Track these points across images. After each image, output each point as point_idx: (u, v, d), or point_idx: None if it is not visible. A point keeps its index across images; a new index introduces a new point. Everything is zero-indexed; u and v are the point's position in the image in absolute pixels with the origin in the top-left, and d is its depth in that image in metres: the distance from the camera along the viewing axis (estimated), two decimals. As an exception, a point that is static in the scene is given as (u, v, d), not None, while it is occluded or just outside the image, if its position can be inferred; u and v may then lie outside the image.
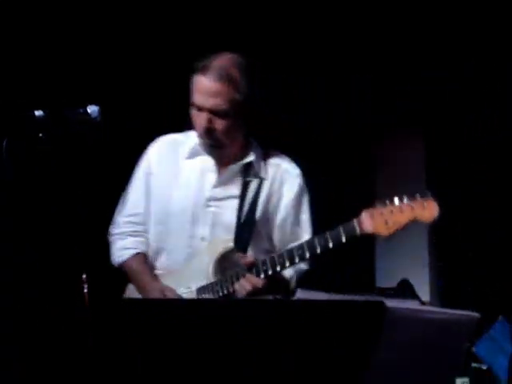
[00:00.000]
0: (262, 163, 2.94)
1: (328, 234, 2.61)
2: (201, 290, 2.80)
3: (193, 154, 2.96)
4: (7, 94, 3.61)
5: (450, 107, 4.47)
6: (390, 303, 1.85)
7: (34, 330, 3.82)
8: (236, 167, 2.91)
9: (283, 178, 2.94)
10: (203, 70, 2.79)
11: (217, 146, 2.86)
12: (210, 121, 2.79)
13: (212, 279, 2.79)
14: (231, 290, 2.73)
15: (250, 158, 2.91)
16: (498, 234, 4.38)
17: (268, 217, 2.92)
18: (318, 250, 2.63)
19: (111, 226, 3.06)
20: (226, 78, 2.78)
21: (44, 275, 3.88)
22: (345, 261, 3.25)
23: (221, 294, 2.75)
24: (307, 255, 2.65)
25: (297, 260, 2.67)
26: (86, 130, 2.80)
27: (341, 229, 2.59)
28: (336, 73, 4.20)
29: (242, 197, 2.87)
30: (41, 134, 2.51)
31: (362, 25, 4.12)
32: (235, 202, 2.88)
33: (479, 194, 4.44)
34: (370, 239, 4.54)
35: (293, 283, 2.87)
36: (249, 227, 2.85)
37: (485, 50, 4.06)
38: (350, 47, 4.22)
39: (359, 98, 4.25)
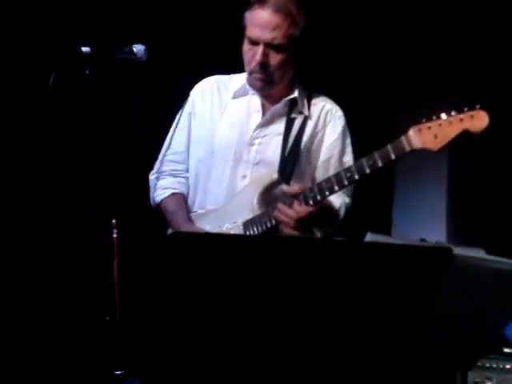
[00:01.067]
0: (306, 102, 2.95)
1: (376, 154, 2.55)
2: (247, 223, 2.79)
3: (238, 94, 2.98)
4: (55, 30, 3.65)
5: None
6: (456, 250, 1.77)
7: (34, 330, 3.88)
8: (280, 104, 2.92)
9: (327, 118, 2.95)
10: (261, 3, 2.80)
11: (268, 82, 2.85)
12: (265, 54, 2.79)
13: (258, 212, 2.78)
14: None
15: (294, 94, 2.92)
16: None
17: (311, 155, 2.92)
18: (367, 170, 2.55)
19: (154, 166, 3.08)
20: (284, 11, 2.78)
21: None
22: (361, 214, 3.22)
23: (269, 225, 2.73)
24: (356, 177, 2.58)
25: (346, 182, 2.60)
26: (131, 70, 2.83)
27: (389, 147, 2.53)
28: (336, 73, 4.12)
29: (286, 133, 2.88)
30: (87, 71, 2.55)
31: (362, 25, 4.05)
32: (279, 139, 2.89)
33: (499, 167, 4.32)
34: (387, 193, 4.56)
35: (341, 215, 2.84)
36: (292, 161, 2.85)
37: (484, 50, 3.95)
38: (350, 47, 4.15)
39: (359, 98, 4.16)
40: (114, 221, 2.67)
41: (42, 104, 2.41)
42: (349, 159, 2.94)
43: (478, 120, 2.40)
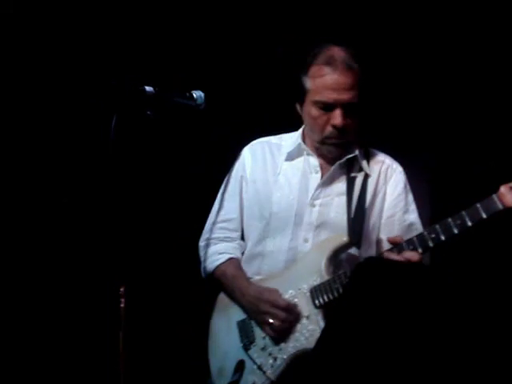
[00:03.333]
0: (365, 159, 2.85)
1: (464, 213, 2.43)
2: (315, 289, 2.64)
3: (293, 156, 2.89)
4: (118, 68, 3.61)
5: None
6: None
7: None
8: (341, 164, 2.81)
9: (387, 174, 2.86)
10: (330, 64, 2.68)
11: (344, 146, 2.77)
12: (344, 117, 2.68)
13: (326, 277, 2.64)
14: None
15: (355, 152, 2.82)
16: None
17: (374, 214, 2.80)
18: (455, 231, 2.43)
19: (203, 234, 2.99)
20: (354, 69, 2.68)
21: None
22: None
23: (340, 290, 2.57)
24: (442, 238, 2.45)
25: (431, 244, 2.46)
26: (189, 115, 2.76)
27: (478, 205, 2.42)
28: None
29: (349, 192, 2.77)
30: (148, 112, 2.47)
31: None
32: (340, 199, 2.78)
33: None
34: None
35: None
36: (360, 222, 2.73)
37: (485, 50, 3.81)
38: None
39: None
40: (122, 289, 2.47)
41: (103, 144, 2.33)
42: (414, 216, 2.83)
43: None
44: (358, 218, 2.73)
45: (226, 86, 3.82)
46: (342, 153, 2.80)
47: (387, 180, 2.84)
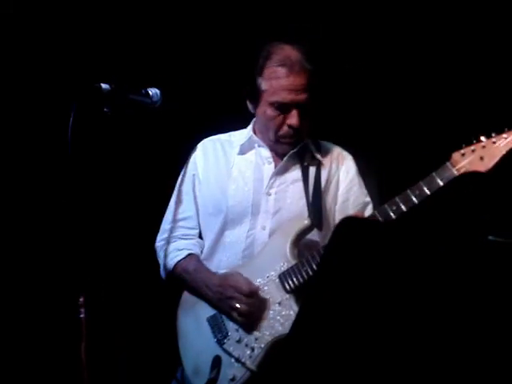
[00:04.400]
0: (316, 149, 2.92)
1: (422, 183, 2.51)
2: (283, 275, 2.67)
3: (244, 150, 2.94)
4: (75, 64, 3.59)
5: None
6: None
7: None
8: (294, 153, 2.87)
9: (339, 162, 2.93)
10: (283, 66, 2.72)
11: (295, 144, 2.83)
12: (300, 118, 2.74)
13: (292, 261, 2.67)
14: None
15: (305, 141, 2.89)
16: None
17: (329, 200, 2.86)
18: (416, 201, 2.51)
19: (159, 234, 3.00)
20: (308, 70, 2.73)
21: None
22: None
23: (311, 273, 2.61)
24: (403, 208, 2.52)
25: (393, 215, 2.53)
26: (144, 113, 2.77)
27: (434, 174, 2.50)
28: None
29: (305, 178, 2.83)
30: (106, 109, 2.47)
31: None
32: (296, 187, 2.83)
33: None
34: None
35: None
36: (318, 206, 2.78)
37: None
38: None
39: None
40: (81, 299, 2.40)
41: (61, 138, 2.32)
42: (368, 199, 2.90)
43: None
44: (316, 201, 2.78)
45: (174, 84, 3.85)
46: (293, 148, 2.86)
47: (339, 167, 2.92)
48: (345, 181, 2.90)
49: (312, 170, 2.87)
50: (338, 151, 2.96)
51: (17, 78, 3.68)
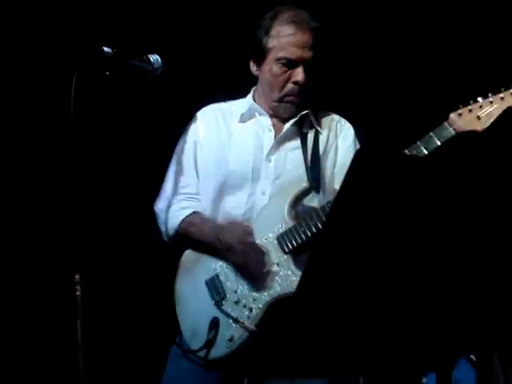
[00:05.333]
0: (315, 118, 2.95)
1: (419, 142, 2.54)
2: (281, 236, 2.69)
3: (245, 118, 2.96)
4: (76, 28, 3.60)
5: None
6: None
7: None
8: (294, 122, 2.90)
9: (337, 130, 2.96)
10: (292, 23, 2.78)
11: (299, 104, 2.86)
12: (305, 75, 2.78)
13: (290, 223, 2.69)
14: (319, 225, 2.60)
15: (305, 110, 2.91)
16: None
17: (328, 166, 2.88)
18: None
19: (159, 198, 2.98)
20: (314, 29, 2.79)
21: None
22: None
23: (309, 234, 2.64)
24: None
25: None
26: (146, 80, 2.78)
27: (432, 134, 2.53)
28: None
29: (303, 146, 2.86)
30: (107, 72, 2.48)
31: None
32: (296, 153, 2.86)
33: None
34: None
35: None
36: (316, 171, 2.81)
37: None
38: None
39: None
40: (77, 276, 2.41)
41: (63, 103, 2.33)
42: None
43: None
44: (314, 166, 2.82)
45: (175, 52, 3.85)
46: (295, 112, 2.89)
47: (337, 135, 2.95)
48: (343, 148, 2.92)
49: (310, 137, 2.90)
50: (336, 119, 2.99)
51: (20, 40, 3.68)
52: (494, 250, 1.69)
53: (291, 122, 2.89)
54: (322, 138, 2.91)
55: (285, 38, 2.79)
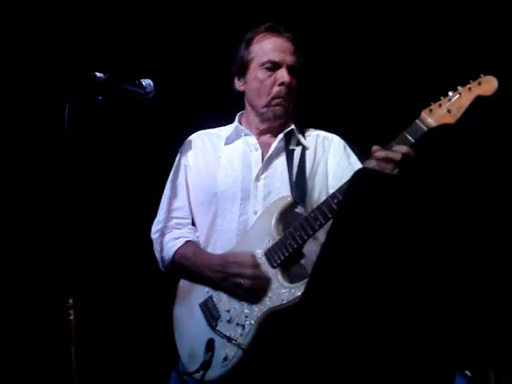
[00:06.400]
0: (301, 134, 2.98)
1: (393, 142, 2.56)
2: (269, 252, 2.71)
3: (231, 139, 3.01)
4: (69, 54, 3.63)
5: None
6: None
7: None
8: (280, 139, 2.94)
9: (325, 146, 2.98)
10: (274, 31, 2.90)
11: (286, 108, 2.90)
12: (290, 75, 2.86)
13: (277, 237, 2.71)
14: (305, 237, 2.62)
15: (291, 126, 2.96)
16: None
17: (318, 182, 2.90)
18: None
19: (154, 226, 3.03)
20: (293, 40, 2.91)
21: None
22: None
23: (295, 246, 2.66)
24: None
25: None
26: (138, 104, 2.81)
27: (405, 133, 2.55)
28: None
29: (289, 161, 2.89)
30: (100, 97, 2.52)
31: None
32: (285, 170, 2.88)
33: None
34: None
35: None
36: (302, 184, 2.83)
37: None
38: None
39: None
40: (70, 300, 2.39)
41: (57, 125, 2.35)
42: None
43: (487, 84, 2.48)
44: (300, 180, 2.84)
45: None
46: (276, 125, 2.94)
47: (325, 150, 2.97)
48: (334, 162, 2.94)
49: (297, 153, 2.93)
50: (322, 135, 3.02)
51: (12, 64, 3.72)
52: (482, 254, 1.73)
53: (278, 139, 2.93)
54: (309, 154, 2.94)
55: (266, 44, 2.90)
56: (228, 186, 2.89)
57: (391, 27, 3.87)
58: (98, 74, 2.54)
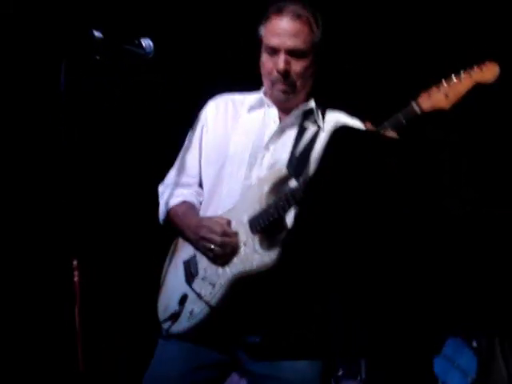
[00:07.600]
0: (321, 115, 2.92)
1: (386, 123, 2.52)
2: (253, 217, 2.74)
3: (253, 108, 2.98)
4: (66, 13, 3.54)
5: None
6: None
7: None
8: (297, 113, 2.90)
9: None
10: (278, 12, 2.81)
11: (290, 93, 2.85)
12: (287, 62, 2.79)
13: (265, 206, 2.73)
14: (287, 208, 2.64)
15: (311, 105, 2.91)
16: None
17: None
18: None
19: (165, 179, 3.05)
20: (302, 18, 2.80)
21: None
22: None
23: (276, 216, 2.67)
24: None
25: None
26: (137, 64, 2.74)
27: (399, 114, 2.52)
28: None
29: (298, 138, 2.85)
30: (98, 57, 2.44)
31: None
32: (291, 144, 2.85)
33: None
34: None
35: None
36: (302, 161, 2.79)
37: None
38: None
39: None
40: (75, 262, 2.38)
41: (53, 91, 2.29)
42: None
43: (488, 71, 2.43)
44: (302, 158, 2.80)
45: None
46: (296, 102, 2.89)
47: None
48: None
49: (309, 132, 2.88)
50: (343, 119, 2.95)
51: (8, 21, 3.64)
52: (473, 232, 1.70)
53: (294, 115, 2.90)
54: (322, 137, 2.87)
55: (269, 26, 2.83)
56: (238, 151, 2.89)
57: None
58: (96, 33, 2.46)
